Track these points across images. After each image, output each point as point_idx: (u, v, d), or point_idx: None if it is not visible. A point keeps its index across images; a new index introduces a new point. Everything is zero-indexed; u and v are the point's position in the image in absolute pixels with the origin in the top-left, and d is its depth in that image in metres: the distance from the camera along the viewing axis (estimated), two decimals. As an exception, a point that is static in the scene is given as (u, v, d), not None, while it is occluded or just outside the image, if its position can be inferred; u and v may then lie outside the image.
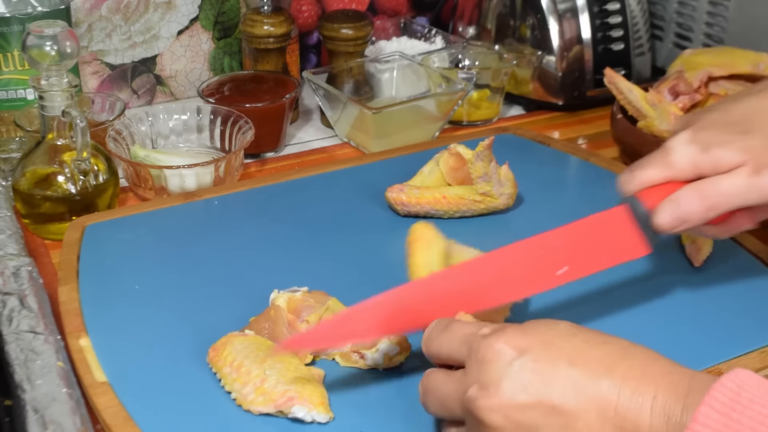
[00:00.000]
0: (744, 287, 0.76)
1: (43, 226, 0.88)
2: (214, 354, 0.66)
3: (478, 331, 0.54)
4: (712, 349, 0.68)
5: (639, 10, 1.17)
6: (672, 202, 0.63)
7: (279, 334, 0.68)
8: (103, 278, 0.77)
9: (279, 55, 1.11)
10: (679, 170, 0.64)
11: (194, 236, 0.84)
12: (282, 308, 0.69)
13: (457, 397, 0.54)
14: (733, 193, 0.62)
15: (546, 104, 1.18)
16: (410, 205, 0.86)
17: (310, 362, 0.67)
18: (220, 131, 1.01)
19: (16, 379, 0.63)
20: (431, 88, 1.11)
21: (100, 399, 0.63)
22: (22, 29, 0.96)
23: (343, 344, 0.65)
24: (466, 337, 0.55)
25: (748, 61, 0.97)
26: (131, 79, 1.17)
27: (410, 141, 1.03)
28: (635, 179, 0.65)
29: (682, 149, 0.64)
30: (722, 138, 0.63)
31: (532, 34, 1.15)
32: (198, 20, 1.18)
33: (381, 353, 0.66)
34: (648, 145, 0.95)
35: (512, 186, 0.86)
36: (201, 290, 0.76)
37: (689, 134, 0.64)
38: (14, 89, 1.00)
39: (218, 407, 0.63)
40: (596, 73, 1.15)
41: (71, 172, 0.87)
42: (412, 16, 1.32)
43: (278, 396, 0.61)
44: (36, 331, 0.68)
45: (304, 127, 1.15)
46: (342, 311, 0.62)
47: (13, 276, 0.75)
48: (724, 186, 0.62)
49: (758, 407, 0.46)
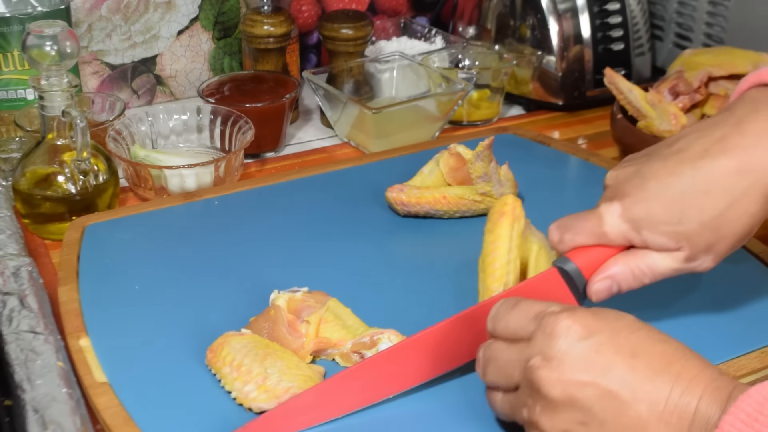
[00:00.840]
0: (744, 287, 0.76)
1: (43, 226, 0.88)
2: (212, 355, 0.66)
3: (548, 308, 0.56)
4: (712, 349, 0.68)
5: (639, 10, 1.17)
6: (609, 279, 0.64)
7: (279, 335, 0.68)
8: (103, 278, 0.77)
9: (279, 55, 1.11)
10: (610, 241, 0.64)
11: (194, 236, 0.84)
12: (282, 308, 0.69)
13: (519, 364, 0.55)
14: (666, 272, 0.64)
15: (546, 104, 1.18)
16: (410, 205, 0.86)
17: (310, 362, 0.67)
18: (220, 131, 1.01)
19: (16, 379, 0.63)
20: (431, 88, 1.11)
21: (100, 399, 0.63)
22: (22, 29, 0.96)
23: None
24: (537, 313, 0.56)
25: (748, 61, 0.97)
26: (131, 79, 1.17)
27: (410, 141, 1.03)
28: (567, 243, 0.65)
29: (615, 223, 0.63)
30: (655, 222, 0.62)
31: (532, 34, 1.15)
32: (198, 20, 1.18)
33: None
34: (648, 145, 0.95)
35: (512, 186, 0.86)
36: (201, 290, 0.76)
37: (622, 209, 0.63)
38: (14, 89, 1.00)
39: (218, 407, 0.63)
40: (596, 73, 1.15)
41: (71, 172, 0.87)
42: (412, 16, 1.32)
43: (281, 392, 0.62)
44: (36, 331, 0.68)
45: (304, 127, 1.15)
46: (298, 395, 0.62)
47: (13, 276, 0.75)
48: (659, 268, 0.63)
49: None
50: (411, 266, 0.79)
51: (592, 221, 0.64)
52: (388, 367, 0.63)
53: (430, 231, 0.85)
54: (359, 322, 0.69)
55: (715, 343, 0.69)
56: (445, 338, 0.64)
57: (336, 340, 0.68)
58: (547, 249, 0.71)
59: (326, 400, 0.62)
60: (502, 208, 0.71)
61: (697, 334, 0.70)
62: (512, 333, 0.57)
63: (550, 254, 0.71)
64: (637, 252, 0.64)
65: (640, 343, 0.53)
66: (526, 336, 0.56)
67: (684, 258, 0.63)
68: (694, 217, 0.61)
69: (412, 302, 0.74)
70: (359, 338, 0.67)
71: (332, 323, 0.69)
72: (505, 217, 0.70)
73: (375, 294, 0.75)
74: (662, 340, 0.54)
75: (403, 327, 0.68)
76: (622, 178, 0.65)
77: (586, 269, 0.64)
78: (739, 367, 0.67)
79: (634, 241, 0.63)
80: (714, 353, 0.67)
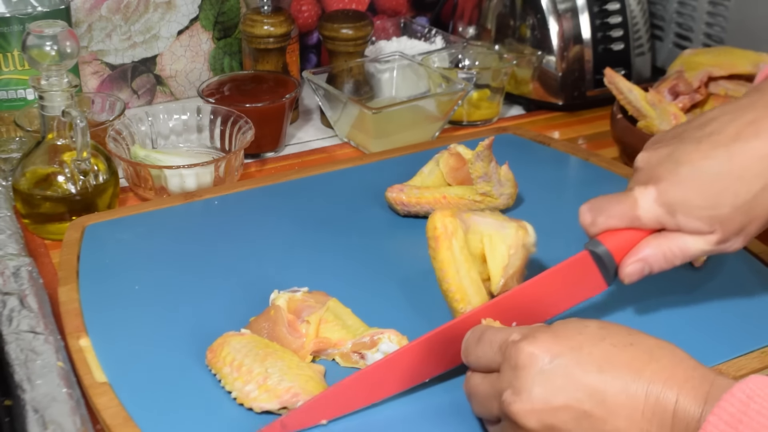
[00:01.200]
0: (744, 287, 0.76)
1: (43, 226, 0.88)
2: (212, 355, 0.66)
3: (509, 338, 0.56)
4: (712, 349, 0.68)
5: (639, 10, 1.17)
6: (641, 261, 0.64)
7: (279, 335, 0.68)
8: (103, 278, 0.77)
9: (279, 55, 1.11)
10: (643, 225, 0.64)
11: (194, 236, 0.84)
12: (282, 308, 0.69)
13: (494, 398, 0.56)
14: (697, 254, 0.64)
15: (546, 104, 1.18)
16: (410, 205, 0.86)
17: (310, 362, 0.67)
18: (220, 131, 1.01)
19: (16, 379, 0.63)
20: (431, 88, 1.11)
21: (100, 399, 0.63)
22: (22, 29, 0.96)
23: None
24: (500, 344, 0.57)
25: (748, 61, 0.97)
26: (131, 79, 1.17)
27: (410, 141, 1.03)
28: (599, 225, 0.65)
29: (650, 208, 0.63)
30: (690, 206, 0.62)
31: (532, 34, 1.15)
32: (198, 20, 1.18)
33: (381, 353, 0.66)
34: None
35: (512, 186, 0.86)
36: (201, 290, 0.76)
37: (657, 193, 0.63)
38: (14, 89, 1.00)
39: (219, 407, 0.63)
40: (596, 73, 1.15)
41: (71, 172, 0.87)
42: (412, 16, 1.32)
43: (283, 392, 0.62)
44: (36, 331, 0.68)
45: (304, 127, 1.15)
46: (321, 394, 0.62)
47: (13, 276, 0.75)
48: (690, 249, 0.64)
49: (764, 420, 0.47)
50: (411, 266, 0.79)
51: (626, 205, 0.64)
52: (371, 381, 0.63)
53: (430, 231, 0.85)
54: (359, 322, 0.69)
55: (715, 343, 0.69)
56: (426, 353, 0.63)
57: (336, 340, 0.68)
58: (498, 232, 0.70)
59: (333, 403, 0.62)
60: (434, 233, 0.68)
61: (697, 334, 0.70)
62: (484, 365, 0.58)
63: (502, 236, 0.69)
64: (668, 234, 0.64)
65: (605, 354, 0.53)
66: (496, 368, 0.57)
67: (716, 241, 0.63)
68: (729, 201, 0.61)
69: (412, 302, 0.74)
70: (359, 338, 0.67)
71: (332, 323, 0.69)
72: (439, 241, 0.68)
73: (375, 294, 0.75)
74: (629, 345, 0.54)
75: (403, 327, 0.68)
76: (655, 161, 0.64)
77: (616, 252, 0.65)
78: (739, 367, 0.67)
79: (668, 225, 0.63)
80: (714, 353, 0.68)
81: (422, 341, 0.63)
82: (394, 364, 0.63)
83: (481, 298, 0.68)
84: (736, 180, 0.61)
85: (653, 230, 0.65)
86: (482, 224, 0.70)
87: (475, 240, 0.69)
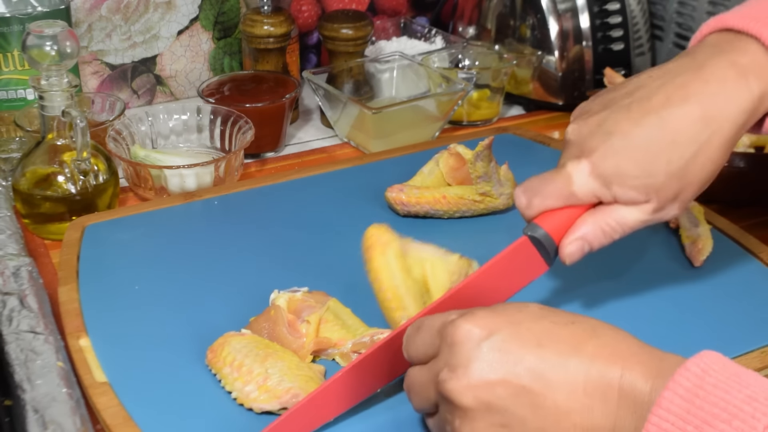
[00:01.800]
0: (744, 287, 0.76)
1: (43, 226, 0.88)
2: (213, 355, 0.66)
3: (447, 318, 0.55)
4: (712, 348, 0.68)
5: (639, 10, 1.17)
6: (580, 240, 0.63)
7: (279, 335, 0.68)
8: (103, 278, 0.77)
9: (279, 55, 1.11)
10: (579, 200, 0.63)
11: (194, 236, 0.84)
12: (282, 308, 0.69)
13: (431, 383, 0.54)
14: (635, 225, 0.63)
15: (546, 104, 1.18)
16: (410, 205, 0.86)
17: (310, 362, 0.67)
18: (220, 131, 1.01)
19: (16, 379, 0.63)
20: (431, 88, 1.11)
21: (100, 399, 0.63)
22: (22, 29, 0.96)
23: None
24: (438, 327, 0.55)
25: (748, 61, 0.97)
26: (131, 79, 1.17)
27: (410, 141, 1.03)
28: (535, 207, 0.64)
29: (584, 182, 0.62)
30: (624, 176, 0.61)
31: (532, 34, 1.15)
32: (198, 20, 1.18)
33: None
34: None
35: (512, 186, 0.86)
36: (201, 290, 0.76)
37: (590, 166, 0.62)
38: (14, 89, 1.00)
39: (219, 407, 0.63)
40: (596, 73, 1.15)
41: (71, 172, 0.87)
42: (412, 16, 1.32)
43: (283, 393, 0.62)
44: (36, 331, 0.68)
45: (304, 127, 1.15)
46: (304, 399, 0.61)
47: (13, 276, 0.75)
48: (627, 220, 0.62)
49: (721, 393, 0.46)
50: (411, 266, 0.79)
51: (560, 182, 0.63)
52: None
53: (430, 231, 0.85)
54: (359, 322, 0.69)
55: (715, 343, 0.68)
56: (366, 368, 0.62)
57: (336, 340, 0.68)
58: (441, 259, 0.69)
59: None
60: (368, 242, 0.68)
61: (697, 334, 0.70)
62: (423, 354, 0.56)
63: (445, 262, 0.68)
64: (604, 208, 0.63)
65: (545, 331, 0.52)
66: (435, 353, 0.55)
67: (652, 209, 0.62)
68: (662, 168, 0.60)
69: (412, 302, 0.74)
70: (359, 338, 0.67)
71: (332, 323, 0.69)
72: (373, 249, 0.67)
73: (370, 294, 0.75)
74: (569, 323, 0.52)
75: (403, 327, 0.68)
76: (586, 132, 0.63)
77: (555, 233, 0.63)
78: (739, 367, 0.66)
79: (604, 198, 0.62)
80: (714, 353, 0.68)
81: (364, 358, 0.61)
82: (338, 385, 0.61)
83: (419, 306, 0.66)
84: (669, 146, 0.60)
85: (590, 206, 0.63)
86: (423, 251, 0.69)
87: (416, 266, 0.68)
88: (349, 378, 0.61)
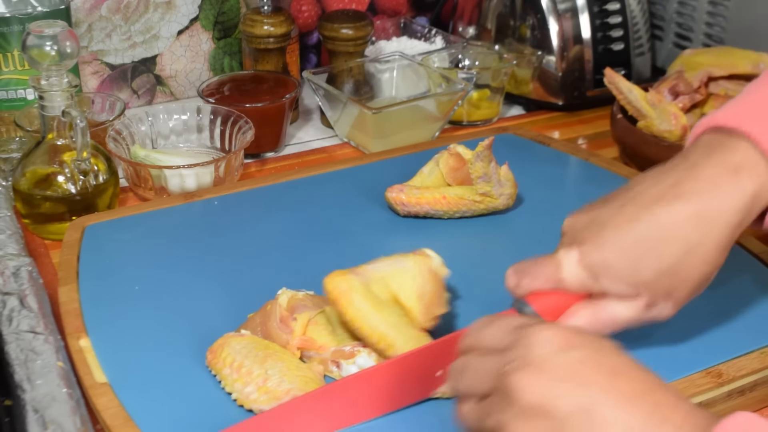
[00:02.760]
0: (744, 287, 0.76)
1: (43, 226, 0.88)
2: (212, 356, 0.66)
3: (528, 321, 0.54)
4: (712, 349, 0.68)
5: (639, 10, 1.17)
6: None
7: (269, 329, 0.68)
8: (103, 278, 0.77)
9: (279, 55, 1.11)
10: (568, 287, 0.63)
11: (194, 236, 0.84)
12: (279, 304, 0.69)
13: (493, 371, 0.53)
14: (627, 322, 0.63)
15: (546, 104, 1.18)
16: (410, 205, 0.86)
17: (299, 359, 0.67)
18: (220, 131, 1.01)
19: (16, 379, 0.63)
20: (431, 88, 1.11)
21: (100, 399, 0.63)
22: (22, 29, 0.96)
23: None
24: (516, 326, 0.54)
25: (748, 61, 0.97)
26: (131, 79, 1.17)
27: (410, 141, 1.03)
28: (524, 287, 0.64)
29: (573, 270, 0.62)
30: (613, 270, 0.61)
31: (532, 34, 1.15)
32: (198, 20, 1.18)
33: (357, 367, 0.65)
34: (648, 145, 0.95)
35: (512, 186, 0.86)
36: (201, 290, 0.76)
37: (579, 255, 0.62)
38: (14, 89, 1.00)
39: (219, 407, 0.63)
40: (596, 73, 1.15)
41: (71, 172, 0.87)
42: (412, 16, 1.32)
43: (282, 394, 0.62)
44: (36, 331, 0.68)
45: (304, 127, 1.15)
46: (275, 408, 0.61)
47: (13, 276, 0.75)
48: (619, 316, 0.62)
49: None
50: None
51: (549, 267, 0.63)
52: (348, 395, 0.62)
53: (430, 231, 0.85)
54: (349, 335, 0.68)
55: (715, 343, 0.69)
56: (402, 374, 0.62)
57: (320, 344, 0.67)
58: (399, 269, 0.68)
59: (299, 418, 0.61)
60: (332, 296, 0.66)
61: (697, 334, 0.70)
62: (488, 346, 0.55)
63: (403, 270, 0.68)
64: (597, 302, 0.63)
65: (622, 364, 0.51)
66: (505, 347, 0.54)
67: (644, 305, 0.62)
68: (651, 264, 0.60)
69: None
70: (341, 346, 0.66)
71: (322, 327, 0.68)
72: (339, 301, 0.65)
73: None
74: (642, 369, 0.52)
75: (403, 327, 0.68)
76: (579, 225, 0.64)
77: (544, 314, 0.63)
78: (739, 368, 0.67)
79: (593, 289, 0.62)
80: (714, 353, 0.68)
81: (397, 361, 0.61)
82: (367, 380, 0.61)
83: (409, 334, 0.65)
84: (659, 242, 0.60)
85: (581, 295, 0.63)
86: (379, 270, 0.68)
87: (380, 287, 0.67)
88: (377, 377, 0.61)
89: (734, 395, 0.65)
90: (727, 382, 0.65)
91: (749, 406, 0.66)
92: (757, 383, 0.66)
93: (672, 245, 0.60)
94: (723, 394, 0.65)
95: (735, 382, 0.65)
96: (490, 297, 0.72)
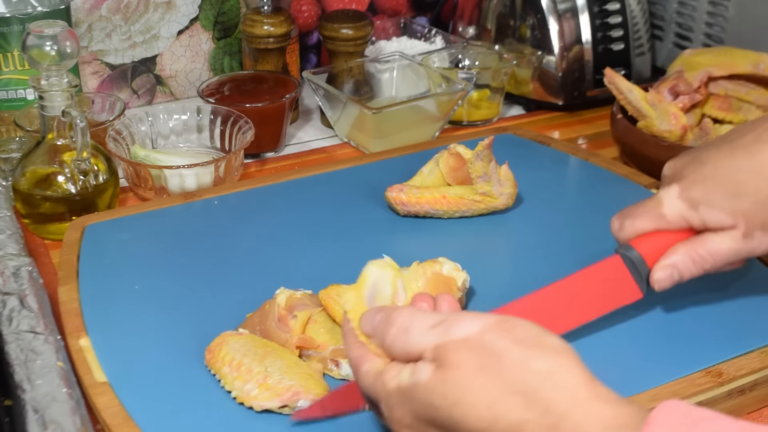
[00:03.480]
0: (744, 287, 0.76)
1: (43, 226, 0.88)
2: (211, 356, 0.66)
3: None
4: (713, 348, 0.68)
5: (639, 10, 1.17)
6: (670, 267, 0.65)
7: (268, 328, 0.68)
8: (103, 278, 0.77)
9: (279, 55, 1.11)
10: (669, 223, 0.66)
11: (194, 236, 0.84)
12: (277, 304, 0.69)
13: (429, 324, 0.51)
14: (726, 254, 0.65)
15: (546, 104, 1.18)
16: (410, 205, 0.86)
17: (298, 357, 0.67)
18: (220, 131, 1.01)
19: (16, 379, 0.63)
20: (431, 88, 1.11)
21: (100, 399, 0.63)
22: (22, 29, 0.96)
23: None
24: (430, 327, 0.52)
25: (748, 61, 0.97)
26: (131, 79, 1.17)
27: (410, 141, 1.03)
28: (627, 228, 0.67)
29: (673, 203, 0.65)
30: (712, 198, 0.64)
31: (532, 34, 1.15)
32: (198, 20, 1.18)
33: None
34: (648, 145, 0.95)
35: (512, 186, 0.86)
36: (201, 290, 0.76)
37: (679, 189, 0.65)
38: (14, 89, 1.00)
39: (219, 406, 0.63)
40: (596, 73, 1.15)
41: (71, 172, 0.87)
42: (412, 16, 1.32)
43: (284, 391, 0.62)
44: (36, 331, 0.68)
45: (304, 127, 1.15)
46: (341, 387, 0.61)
47: (13, 276, 0.75)
48: (717, 249, 0.64)
49: None
50: (411, 266, 0.79)
51: (650, 204, 0.66)
52: None
53: (430, 231, 0.85)
54: None
55: (715, 342, 0.69)
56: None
57: (319, 342, 0.67)
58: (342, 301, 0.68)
59: None
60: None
61: (697, 334, 0.70)
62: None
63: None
64: (696, 238, 0.65)
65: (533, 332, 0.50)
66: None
67: (741, 235, 0.63)
68: (750, 193, 0.63)
69: (412, 302, 0.74)
70: (340, 345, 0.66)
71: (321, 326, 0.68)
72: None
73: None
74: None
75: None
76: (679, 165, 0.67)
77: (649, 257, 0.65)
78: (739, 367, 0.67)
79: (692, 220, 0.64)
80: (714, 353, 0.68)
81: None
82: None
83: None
84: (757, 175, 0.63)
85: (684, 235, 0.65)
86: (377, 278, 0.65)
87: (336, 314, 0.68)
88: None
89: (734, 395, 0.65)
90: (727, 382, 0.65)
91: (749, 406, 0.66)
92: (757, 383, 0.66)
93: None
94: (723, 394, 0.65)
95: (735, 381, 0.65)
96: (491, 296, 0.72)
